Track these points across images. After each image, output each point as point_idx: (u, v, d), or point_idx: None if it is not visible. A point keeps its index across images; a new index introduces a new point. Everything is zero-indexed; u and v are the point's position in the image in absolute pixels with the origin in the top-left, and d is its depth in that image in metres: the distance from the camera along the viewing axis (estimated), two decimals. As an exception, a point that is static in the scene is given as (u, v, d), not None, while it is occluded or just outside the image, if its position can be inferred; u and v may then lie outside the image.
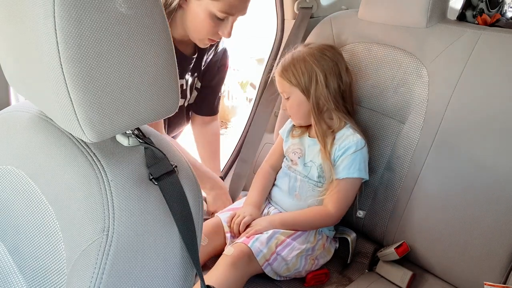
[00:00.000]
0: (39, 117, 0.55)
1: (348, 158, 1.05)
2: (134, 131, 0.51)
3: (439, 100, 1.03)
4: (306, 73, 1.05)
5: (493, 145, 0.95)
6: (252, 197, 1.16)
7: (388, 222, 1.12)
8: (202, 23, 1.08)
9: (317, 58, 1.05)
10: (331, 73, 1.05)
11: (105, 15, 0.41)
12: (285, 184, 1.15)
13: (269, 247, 1.01)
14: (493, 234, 0.95)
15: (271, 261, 1.01)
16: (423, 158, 1.05)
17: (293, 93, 1.07)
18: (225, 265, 0.96)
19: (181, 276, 0.50)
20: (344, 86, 1.08)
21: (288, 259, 1.02)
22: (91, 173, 0.47)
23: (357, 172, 1.05)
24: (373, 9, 1.18)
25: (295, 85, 1.06)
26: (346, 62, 1.10)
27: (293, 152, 1.15)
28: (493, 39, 0.99)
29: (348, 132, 1.08)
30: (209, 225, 1.12)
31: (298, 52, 1.08)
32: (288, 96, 1.09)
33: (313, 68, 1.04)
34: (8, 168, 0.54)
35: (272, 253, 1.01)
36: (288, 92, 1.08)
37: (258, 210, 1.13)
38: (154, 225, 0.48)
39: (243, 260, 0.98)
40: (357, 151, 1.05)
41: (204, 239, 1.08)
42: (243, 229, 1.07)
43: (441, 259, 1.04)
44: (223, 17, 1.06)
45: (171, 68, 0.47)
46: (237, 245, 1.01)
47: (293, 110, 1.10)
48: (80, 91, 0.42)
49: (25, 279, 0.50)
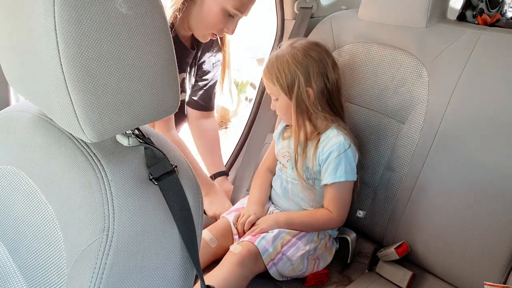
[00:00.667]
0: (39, 117, 0.55)
1: (333, 162, 1.03)
2: (134, 131, 0.51)
3: (439, 100, 1.03)
4: (289, 75, 1.02)
5: (493, 145, 0.95)
6: (253, 196, 1.16)
7: (388, 222, 1.12)
8: (214, 18, 1.12)
9: (299, 60, 1.02)
10: (316, 74, 1.02)
11: (105, 15, 0.41)
12: (279, 187, 1.15)
13: (275, 246, 1.01)
14: (493, 234, 0.95)
15: (276, 261, 1.01)
16: (423, 158, 1.05)
17: (280, 95, 1.06)
18: (232, 263, 0.96)
19: (181, 276, 0.50)
20: (331, 85, 1.05)
21: (293, 259, 1.02)
22: (91, 173, 0.47)
23: (343, 175, 1.03)
24: (373, 9, 1.18)
25: (279, 88, 1.04)
26: (333, 58, 1.07)
27: (282, 155, 1.15)
28: (493, 39, 0.99)
29: (332, 133, 1.05)
30: (217, 227, 1.12)
31: (281, 53, 1.05)
32: (277, 98, 1.08)
33: (295, 71, 1.02)
34: (8, 168, 0.54)
35: (277, 253, 1.01)
36: (275, 94, 1.07)
37: (262, 208, 1.13)
38: (154, 225, 0.48)
39: (250, 258, 0.98)
40: (341, 154, 1.03)
41: (213, 240, 1.08)
42: (248, 228, 1.07)
43: (441, 259, 1.04)
44: (234, 14, 1.11)
45: (171, 68, 0.47)
46: (244, 243, 1.01)
47: (282, 111, 1.09)
48: (80, 91, 0.42)
49: (25, 279, 0.50)
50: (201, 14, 1.13)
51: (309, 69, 1.02)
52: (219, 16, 1.11)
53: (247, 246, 1.00)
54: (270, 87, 1.07)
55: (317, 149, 1.06)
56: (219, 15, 1.11)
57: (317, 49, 1.05)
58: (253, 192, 1.18)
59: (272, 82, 1.05)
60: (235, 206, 1.22)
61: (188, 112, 1.46)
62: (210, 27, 1.15)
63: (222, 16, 1.11)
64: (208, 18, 1.13)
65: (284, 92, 1.04)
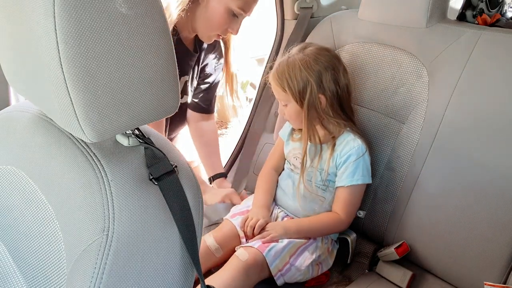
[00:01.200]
0: (39, 117, 0.55)
1: (351, 165, 1.04)
2: (134, 131, 0.51)
3: (439, 100, 1.03)
4: (301, 82, 1.01)
5: (493, 145, 0.95)
6: (260, 199, 1.15)
7: (388, 222, 1.11)
8: (219, 18, 1.13)
9: (311, 67, 1.01)
10: (328, 80, 1.02)
11: (105, 15, 0.41)
12: (289, 187, 1.14)
13: (283, 257, 1.01)
14: (493, 234, 0.95)
15: (284, 272, 1.01)
16: (423, 158, 1.05)
17: (291, 101, 1.05)
18: (237, 270, 0.95)
19: (181, 276, 0.50)
20: (341, 91, 1.05)
21: (302, 269, 1.02)
22: (91, 173, 0.47)
23: (361, 178, 1.05)
24: (373, 9, 1.18)
25: (290, 94, 1.04)
26: (343, 64, 1.08)
27: (294, 157, 1.14)
28: (493, 39, 0.99)
29: (348, 137, 1.07)
30: (223, 231, 1.11)
31: (292, 58, 1.04)
32: (286, 104, 1.07)
33: (307, 78, 1.01)
34: (8, 168, 0.54)
35: (285, 264, 1.01)
36: (285, 100, 1.07)
37: (268, 212, 1.13)
38: (154, 225, 0.48)
39: (256, 267, 0.97)
40: (359, 158, 1.04)
41: (218, 250, 1.07)
42: (257, 231, 1.06)
43: (441, 259, 1.04)
44: (238, 14, 1.13)
45: (171, 68, 0.47)
46: (251, 250, 0.99)
47: (292, 117, 1.09)
48: (80, 91, 0.42)
49: (25, 279, 0.50)
50: (206, 15, 1.14)
51: (321, 76, 1.02)
52: (224, 16, 1.13)
53: (254, 254, 0.98)
54: (280, 93, 1.06)
55: (334, 152, 1.06)
56: (224, 15, 1.12)
57: (328, 55, 1.05)
58: (259, 195, 1.16)
59: (282, 88, 1.04)
60: (239, 208, 1.20)
61: (188, 114, 1.46)
62: (215, 28, 1.16)
63: (227, 16, 1.13)
64: (213, 18, 1.14)
65: (295, 99, 1.03)
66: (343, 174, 1.05)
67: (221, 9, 1.12)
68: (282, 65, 1.05)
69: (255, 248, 1.00)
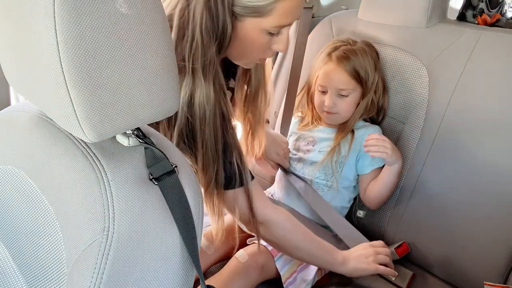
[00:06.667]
0: (39, 117, 0.55)
1: None
2: (134, 131, 0.51)
3: (439, 100, 1.03)
4: (371, 73, 1.07)
5: (493, 145, 0.95)
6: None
7: (388, 222, 1.11)
8: (253, 42, 0.85)
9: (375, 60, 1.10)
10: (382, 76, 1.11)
11: (105, 15, 0.41)
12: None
13: (292, 265, 1.01)
14: (493, 234, 0.95)
15: (292, 280, 1.00)
16: (423, 158, 1.05)
17: (356, 90, 1.07)
18: (237, 271, 0.95)
19: (181, 276, 0.50)
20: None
21: (309, 278, 1.01)
22: (91, 173, 0.47)
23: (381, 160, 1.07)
24: (373, 9, 1.18)
25: (359, 84, 1.06)
26: None
27: (305, 142, 1.15)
28: (493, 39, 0.99)
29: (364, 123, 1.12)
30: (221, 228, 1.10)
31: (362, 50, 1.07)
32: (348, 94, 1.06)
33: (374, 70, 1.07)
34: (8, 168, 0.54)
35: (293, 272, 1.01)
36: (351, 89, 1.06)
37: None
38: (154, 225, 0.48)
39: (256, 269, 0.97)
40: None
41: (209, 247, 1.06)
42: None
43: (441, 259, 1.04)
44: (276, 31, 0.84)
45: (171, 68, 0.47)
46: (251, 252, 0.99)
47: (349, 107, 1.08)
48: (80, 91, 0.42)
49: (25, 279, 0.50)
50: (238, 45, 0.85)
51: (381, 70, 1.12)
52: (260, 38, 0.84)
53: (254, 255, 0.98)
54: (348, 83, 1.05)
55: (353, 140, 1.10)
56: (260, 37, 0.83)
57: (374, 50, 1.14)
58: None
59: (353, 77, 1.05)
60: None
61: None
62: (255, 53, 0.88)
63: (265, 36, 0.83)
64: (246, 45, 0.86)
65: (363, 90, 1.07)
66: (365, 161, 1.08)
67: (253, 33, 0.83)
68: (353, 54, 1.06)
69: (256, 249, 0.99)
